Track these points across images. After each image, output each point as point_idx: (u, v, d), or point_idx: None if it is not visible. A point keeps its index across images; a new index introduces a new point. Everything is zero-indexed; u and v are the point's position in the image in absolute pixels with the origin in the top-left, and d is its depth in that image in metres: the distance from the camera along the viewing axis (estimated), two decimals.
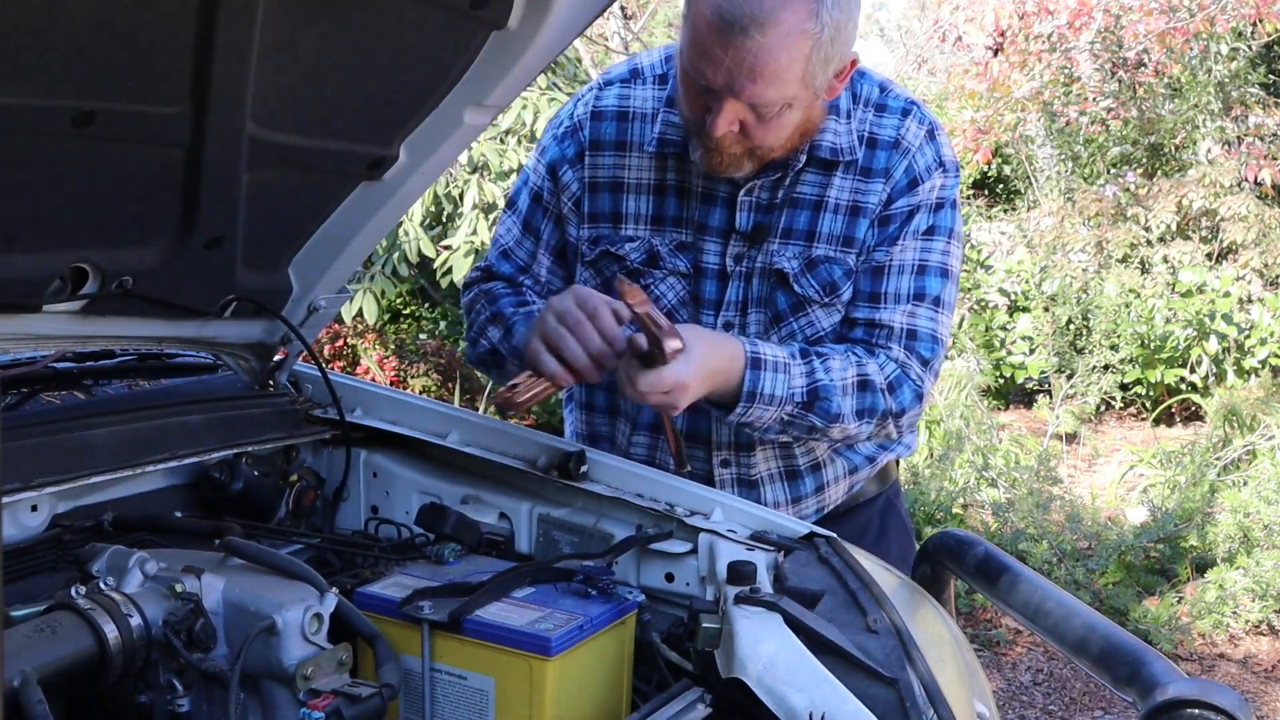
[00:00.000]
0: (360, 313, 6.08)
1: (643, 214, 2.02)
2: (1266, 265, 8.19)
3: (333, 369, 2.77)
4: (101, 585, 1.41)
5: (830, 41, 1.74)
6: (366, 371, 6.96)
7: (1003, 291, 8.72)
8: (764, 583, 1.58)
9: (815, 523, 1.92)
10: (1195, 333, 7.92)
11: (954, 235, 2.02)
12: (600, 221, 2.05)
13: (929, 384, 2.01)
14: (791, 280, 1.98)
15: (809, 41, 1.72)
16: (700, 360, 1.77)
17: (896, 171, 1.97)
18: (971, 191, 10.47)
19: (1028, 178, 9.75)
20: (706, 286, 2.02)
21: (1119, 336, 8.08)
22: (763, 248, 1.99)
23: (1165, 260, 8.33)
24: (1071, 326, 8.40)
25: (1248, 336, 8.05)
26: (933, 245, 1.99)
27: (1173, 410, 8.10)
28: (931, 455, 6.04)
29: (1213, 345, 7.93)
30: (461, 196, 5.91)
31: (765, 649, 1.43)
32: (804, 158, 1.94)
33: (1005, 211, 10.29)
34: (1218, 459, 6.05)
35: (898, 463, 2.31)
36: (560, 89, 6.46)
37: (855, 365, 1.93)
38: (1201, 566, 5.21)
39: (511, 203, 2.15)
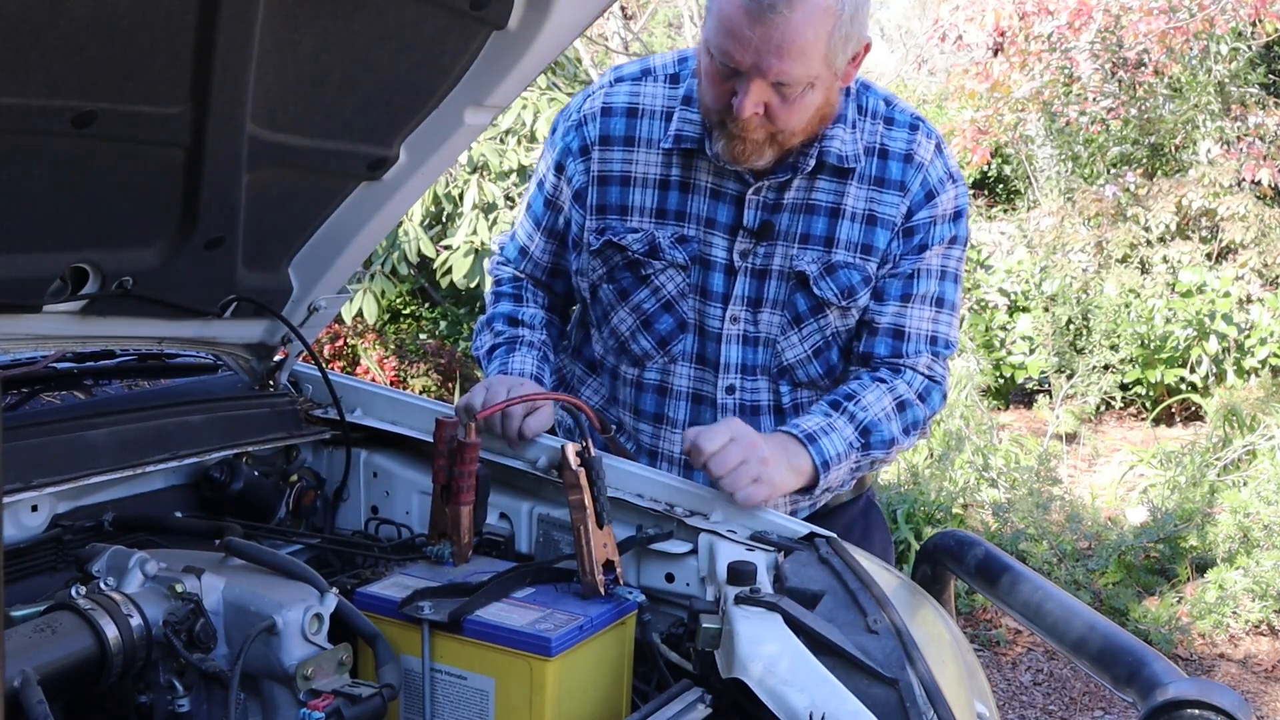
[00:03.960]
0: (360, 313, 6.08)
1: (647, 207, 2.10)
2: (1266, 265, 8.18)
3: (333, 369, 2.77)
4: (101, 585, 1.41)
5: (850, 20, 1.85)
6: (366, 371, 6.95)
7: (1003, 291, 8.71)
8: (764, 583, 1.58)
9: (808, 519, 1.94)
10: (1195, 333, 7.91)
11: (966, 243, 2.17)
12: (608, 214, 2.12)
13: (949, 380, 2.20)
14: (812, 283, 2.06)
15: (831, 19, 1.82)
16: (772, 458, 1.86)
17: (912, 185, 2.07)
18: (971, 191, 10.45)
19: (1028, 178, 9.74)
20: (714, 280, 2.09)
21: (1119, 336, 8.07)
22: (773, 248, 2.06)
23: (1165, 260, 8.32)
24: (1071, 326, 8.39)
25: (1247, 336, 8.04)
26: (952, 253, 2.13)
27: (1173, 410, 8.09)
28: (931, 455, 6.03)
29: (1212, 345, 7.92)
30: (461, 196, 5.91)
31: (766, 649, 1.43)
32: (812, 161, 2.02)
33: (1005, 211, 10.28)
34: (1218, 459, 6.04)
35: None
36: (560, 89, 6.46)
37: (888, 392, 2.07)
38: (1201, 566, 5.20)
39: (528, 205, 2.27)
